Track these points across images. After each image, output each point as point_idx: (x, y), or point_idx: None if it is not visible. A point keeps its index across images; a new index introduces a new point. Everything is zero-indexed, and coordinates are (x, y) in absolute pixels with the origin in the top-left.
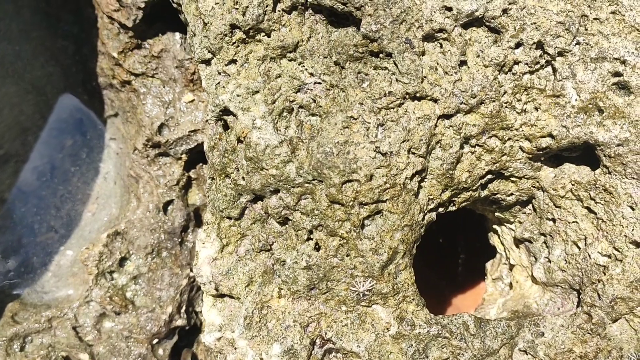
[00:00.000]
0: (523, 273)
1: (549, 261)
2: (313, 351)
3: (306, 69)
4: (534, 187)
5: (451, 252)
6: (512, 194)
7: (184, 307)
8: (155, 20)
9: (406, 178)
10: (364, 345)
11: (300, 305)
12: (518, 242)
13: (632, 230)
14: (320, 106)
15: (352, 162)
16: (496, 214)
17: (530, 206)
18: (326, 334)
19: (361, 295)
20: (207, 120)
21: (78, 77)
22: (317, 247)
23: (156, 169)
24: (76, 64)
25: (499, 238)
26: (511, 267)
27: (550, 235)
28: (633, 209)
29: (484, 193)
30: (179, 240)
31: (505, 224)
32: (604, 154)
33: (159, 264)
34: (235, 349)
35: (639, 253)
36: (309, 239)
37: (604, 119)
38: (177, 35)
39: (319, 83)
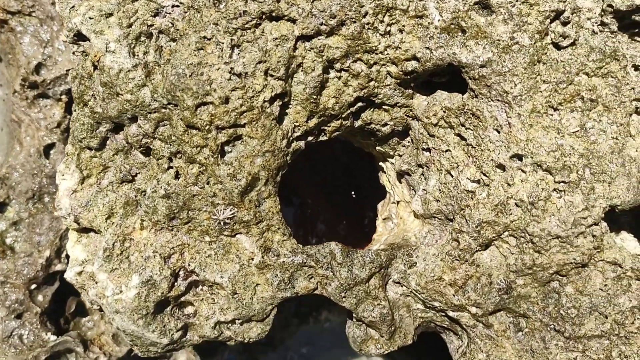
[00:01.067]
0: (406, 209)
1: (426, 192)
2: (176, 283)
3: None
4: (408, 116)
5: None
6: (386, 124)
7: (64, 252)
8: None
9: (264, 101)
10: (227, 276)
11: (162, 236)
12: (399, 176)
13: (498, 153)
14: (178, 30)
15: (205, 83)
16: (377, 148)
17: (408, 138)
18: (190, 265)
19: (222, 223)
20: (73, 52)
21: None
22: (177, 175)
23: (36, 111)
24: None
25: (386, 175)
26: (398, 204)
27: (427, 166)
28: (498, 132)
29: (358, 123)
30: None
31: (388, 159)
32: (469, 77)
33: (40, 209)
34: (96, 282)
35: (504, 176)
36: (169, 167)
37: (467, 39)
38: None
39: (177, 6)
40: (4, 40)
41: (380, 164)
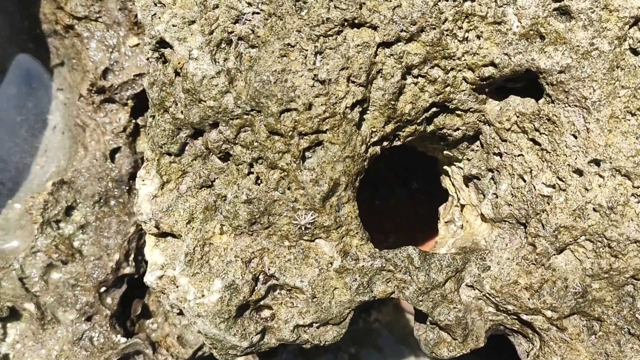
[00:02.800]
0: (473, 212)
1: (496, 196)
2: (256, 287)
3: None
4: (480, 120)
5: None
6: (458, 129)
7: (132, 255)
8: None
9: (346, 107)
10: (307, 280)
11: (242, 241)
12: (467, 180)
13: (575, 158)
14: (259, 36)
15: (290, 90)
16: (445, 152)
17: (477, 143)
18: (269, 269)
19: (303, 228)
20: (148, 59)
21: (23, 24)
22: (258, 180)
23: (102, 115)
24: (21, 11)
25: (450, 179)
26: (462, 207)
27: (497, 170)
28: (576, 137)
29: (430, 128)
30: (127, 188)
31: (454, 163)
32: (547, 82)
33: (107, 212)
34: (177, 287)
35: (582, 181)
36: (249, 172)
37: (546, 45)
38: None
39: (257, 13)
40: (68, 45)
41: (445, 167)
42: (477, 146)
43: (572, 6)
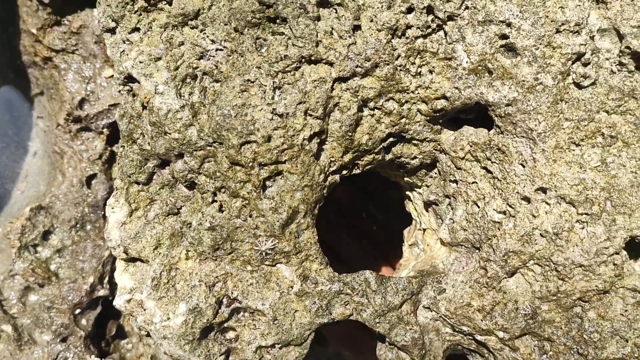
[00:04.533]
0: (433, 236)
1: (453, 222)
2: (220, 310)
3: (208, 36)
4: (436, 149)
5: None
6: (415, 157)
7: (106, 278)
8: None
9: (304, 139)
10: (268, 303)
11: (207, 266)
12: (427, 205)
13: (523, 186)
14: (222, 72)
15: (249, 123)
16: (405, 179)
17: (435, 170)
18: (232, 293)
19: (264, 254)
20: (119, 91)
21: (5, 56)
22: (221, 208)
23: (79, 143)
24: (3, 43)
25: (412, 204)
26: (424, 231)
27: (454, 197)
28: (523, 166)
29: (389, 156)
30: (102, 213)
31: (415, 188)
32: (495, 114)
33: (83, 237)
34: (145, 309)
35: (530, 208)
36: (213, 201)
37: (493, 79)
38: (96, 11)
39: (221, 50)
40: (47, 75)
41: (407, 193)
42: (435, 173)
43: (517, 43)
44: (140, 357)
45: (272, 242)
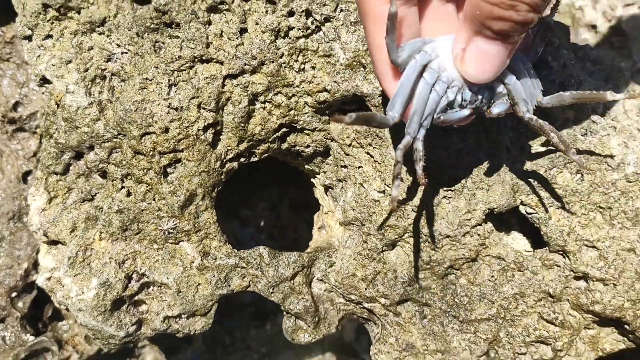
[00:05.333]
0: (333, 218)
1: (345, 202)
2: (129, 284)
3: (114, 41)
4: (327, 138)
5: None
6: (309, 146)
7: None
8: (5, 10)
9: (198, 130)
10: (173, 277)
11: (118, 245)
12: (325, 189)
13: None
14: (126, 72)
15: (148, 117)
16: (305, 166)
17: (330, 157)
18: (141, 269)
19: (167, 233)
20: (43, 93)
21: None
22: (128, 193)
23: (15, 143)
24: None
25: (317, 189)
26: (327, 214)
27: (345, 180)
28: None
29: (285, 145)
30: None
31: (315, 175)
32: (371, 104)
33: (20, 227)
34: (62, 286)
35: (403, 186)
36: (122, 187)
37: (367, 73)
38: None
39: (125, 53)
40: None
41: (312, 179)
42: (330, 160)
43: None
44: (74, 336)
45: (173, 222)
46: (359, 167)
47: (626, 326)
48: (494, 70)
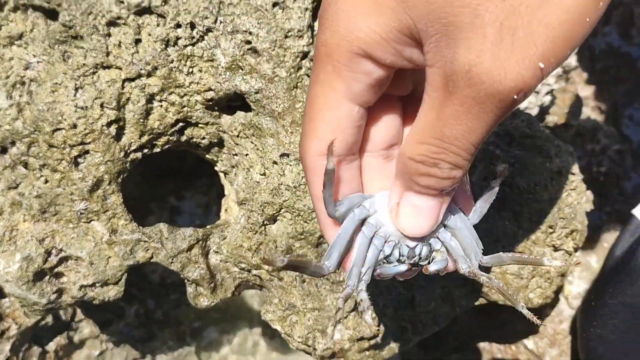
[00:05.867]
0: (231, 199)
1: (237, 186)
2: (49, 258)
3: (30, 52)
4: (219, 130)
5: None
6: (204, 138)
7: None
8: None
9: (102, 125)
10: (86, 251)
11: (39, 226)
12: (224, 175)
13: (273, 154)
14: (41, 78)
15: (58, 115)
16: (207, 156)
17: (225, 147)
18: (59, 245)
19: (80, 213)
20: None
21: None
22: (46, 181)
23: None
24: None
25: (220, 176)
26: (229, 197)
27: (236, 166)
28: (273, 138)
29: (184, 138)
30: None
31: (216, 163)
32: (250, 100)
33: None
34: None
35: (277, 169)
36: (40, 176)
37: (244, 74)
38: None
39: (40, 62)
40: None
41: (215, 168)
42: (225, 150)
43: (258, 46)
44: (15, 311)
45: (84, 204)
46: (246, 154)
47: None
48: (428, 224)
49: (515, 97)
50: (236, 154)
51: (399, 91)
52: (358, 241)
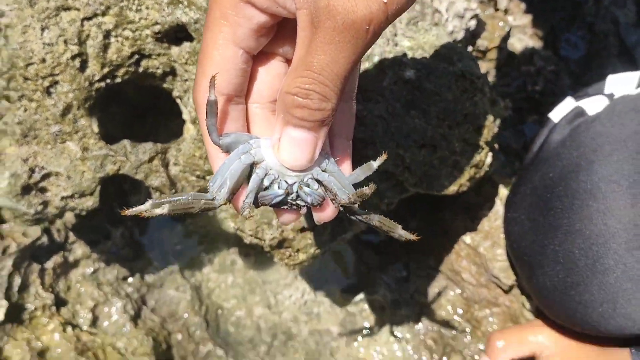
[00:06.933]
0: (187, 119)
1: (190, 107)
2: (33, 175)
3: (3, 2)
4: (170, 60)
5: None
6: (158, 67)
7: None
8: None
9: (67, 59)
10: (64, 167)
11: (23, 149)
12: (180, 100)
13: None
14: (13, 23)
15: (29, 52)
16: (164, 85)
17: (177, 75)
18: (40, 163)
19: (55, 135)
20: None
21: None
22: (25, 109)
23: None
24: None
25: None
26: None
27: (188, 90)
28: None
29: (141, 69)
30: None
31: (171, 90)
32: (191, 30)
33: None
34: None
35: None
36: (20, 106)
37: (184, 7)
38: None
39: (12, 10)
40: None
41: (172, 95)
42: (178, 78)
43: None
44: (14, 233)
45: (58, 127)
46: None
47: None
48: (306, 157)
49: (367, 27)
50: (186, 80)
51: (285, 51)
52: (240, 168)
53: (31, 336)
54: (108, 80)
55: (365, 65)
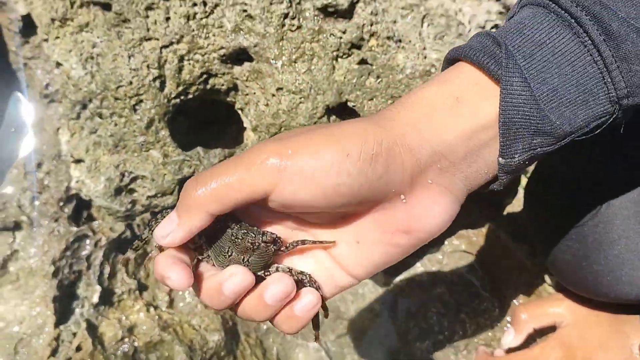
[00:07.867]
0: (248, 128)
1: (251, 117)
2: (123, 179)
3: (95, 35)
4: (233, 78)
5: None
6: (223, 84)
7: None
8: (30, 26)
9: (150, 81)
10: (148, 171)
11: (114, 157)
12: (241, 111)
13: (272, 88)
14: (104, 52)
15: (119, 76)
16: (227, 99)
17: (239, 90)
18: (129, 168)
19: (141, 145)
20: (59, 73)
21: None
22: (115, 124)
23: (51, 111)
24: None
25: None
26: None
27: (248, 103)
28: (270, 77)
29: (209, 86)
30: None
31: (235, 103)
32: (251, 53)
33: (59, 162)
34: (84, 184)
35: (275, 100)
36: (111, 121)
37: (245, 34)
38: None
39: (102, 41)
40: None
41: (235, 108)
42: (240, 92)
43: (252, 13)
44: (102, 228)
45: (143, 138)
46: (254, 92)
47: None
48: None
49: None
50: (247, 94)
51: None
52: None
53: (121, 316)
54: (182, 97)
55: (399, 76)
